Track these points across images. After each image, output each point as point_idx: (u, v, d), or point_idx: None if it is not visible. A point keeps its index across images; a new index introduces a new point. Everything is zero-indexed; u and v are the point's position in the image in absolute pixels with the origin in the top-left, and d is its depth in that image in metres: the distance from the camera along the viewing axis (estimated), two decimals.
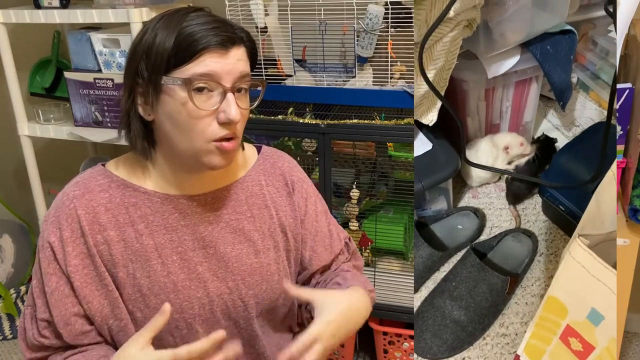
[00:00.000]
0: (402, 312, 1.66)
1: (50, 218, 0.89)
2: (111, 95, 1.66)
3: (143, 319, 0.89)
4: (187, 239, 0.92)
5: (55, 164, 2.21)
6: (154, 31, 0.83)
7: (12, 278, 2.20)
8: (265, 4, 1.56)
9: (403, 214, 1.70)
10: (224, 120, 0.83)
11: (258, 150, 1.05)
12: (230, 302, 0.94)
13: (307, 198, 1.05)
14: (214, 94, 0.83)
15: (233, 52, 0.83)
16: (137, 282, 0.89)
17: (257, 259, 0.96)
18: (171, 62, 0.82)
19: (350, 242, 1.13)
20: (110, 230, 0.89)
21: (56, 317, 0.87)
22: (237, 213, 0.97)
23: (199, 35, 0.81)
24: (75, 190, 0.90)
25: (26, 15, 1.66)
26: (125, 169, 0.93)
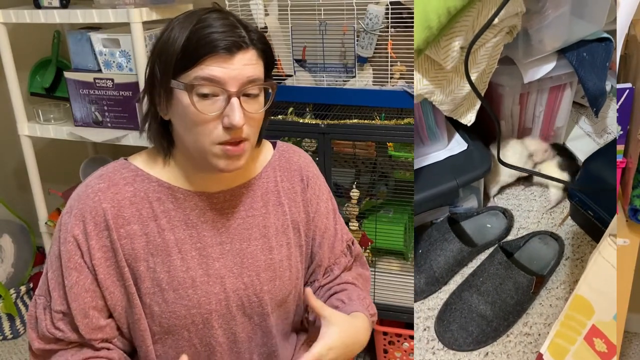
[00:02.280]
0: (402, 312, 1.67)
1: (73, 210, 0.89)
2: (111, 95, 1.66)
3: (160, 312, 0.90)
4: (206, 235, 0.94)
5: (55, 164, 2.22)
6: (170, 32, 0.84)
7: (12, 278, 2.20)
8: (265, 4, 1.56)
9: (403, 214, 1.70)
10: (227, 125, 0.83)
11: (273, 145, 1.06)
12: (245, 298, 0.95)
13: (320, 195, 1.05)
14: (220, 99, 0.83)
15: (239, 57, 0.83)
16: (157, 277, 0.90)
17: (270, 255, 0.98)
18: (179, 66, 0.82)
19: (353, 245, 1.12)
20: (134, 224, 0.90)
21: (74, 309, 0.88)
22: (253, 209, 0.98)
23: (204, 40, 0.81)
24: (100, 183, 0.90)
25: (26, 15, 1.66)
26: (149, 164, 0.94)
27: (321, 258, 1.05)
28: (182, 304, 0.91)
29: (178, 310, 0.91)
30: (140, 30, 1.54)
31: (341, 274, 1.08)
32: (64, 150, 2.19)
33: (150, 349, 0.93)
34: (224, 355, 0.96)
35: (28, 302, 2.20)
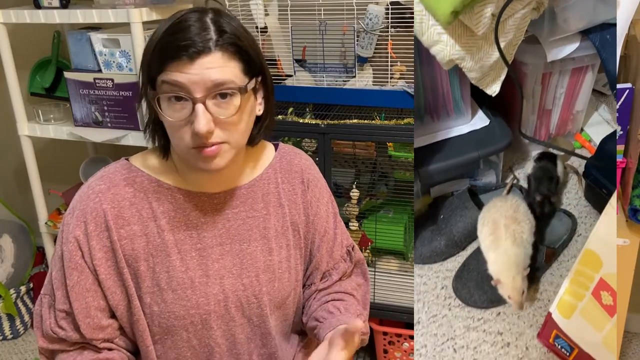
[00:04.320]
0: (402, 312, 1.67)
1: (75, 211, 0.90)
2: (111, 95, 1.66)
3: (159, 313, 0.91)
4: (206, 235, 0.94)
5: (55, 164, 2.22)
6: (150, 39, 0.85)
7: (12, 278, 2.20)
8: (265, 4, 1.56)
9: (403, 214, 1.70)
10: (193, 131, 0.82)
11: (275, 147, 1.06)
12: (244, 299, 0.95)
13: (320, 198, 1.05)
14: (187, 104, 0.82)
15: (200, 61, 0.80)
16: (156, 276, 0.90)
17: (270, 256, 0.97)
18: (151, 72, 0.84)
19: (354, 251, 1.10)
20: (134, 225, 0.90)
21: (76, 309, 0.88)
22: (254, 211, 0.98)
23: (167, 46, 0.81)
24: (101, 184, 0.91)
25: (26, 15, 1.66)
26: (150, 164, 0.94)
27: (319, 261, 1.04)
28: (181, 304, 0.91)
29: (177, 311, 0.91)
30: (140, 30, 1.54)
31: (340, 280, 1.07)
32: (64, 150, 2.19)
33: (151, 349, 0.93)
34: (223, 356, 0.96)
35: (28, 302, 2.20)
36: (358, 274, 1.12)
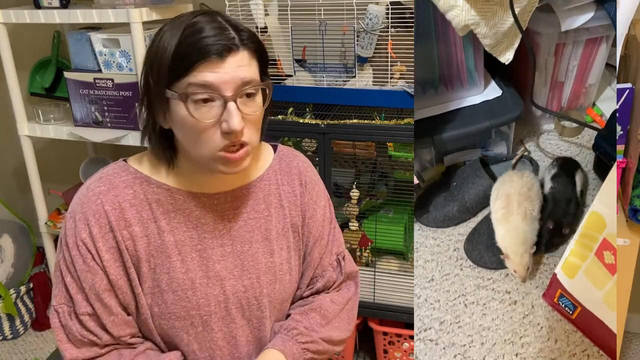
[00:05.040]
0: (402, 312, 1.67)
1: (77, 215, 0.89)
2: (111, 95, 1.66)
3: (160, 313, 0.91)
4: (207, 236, 0.93)
5: (55, 164, 2.22)
6: (160, 41, 0.83)
7: (12, 278, 2.20)
8: (265, 4, 1.56)
9: (403, 214, 1.70)
10: (226, 130, 0.82)
11: (274, 149, 1.06)
12: (244, 300, 0.95)
13: (317, 201, 1.04)
14: (216, 105, 0.82)
15: (230, 59, 0.81)
16: (157, 277, 0.90)
17: (272, 258, 0.97)
18: (171, 75, 0.82)
19: (344, 261, 1.07)
20: (135, 226, 0.90)
21: (98, 309, 0.89)
22: (256, 212, 0.97)
23: (194, 46, 0.80)
24: (101, 186, 0.90)
25: (26, 15, 1.66)
26: (148, 166, 0.94)
27: (308, 265, 1.04)
28: (181, 305, 0.91)
29: (177, 312, 0.91)
30: (140, 31, 1.54)
31: (325, 293, 1.04)
32: (64, 150, 2.19)
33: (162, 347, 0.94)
34: (224, 358, 0.96)
35: (28, 302, 2.20)
36: (351, 286, 1.08)
